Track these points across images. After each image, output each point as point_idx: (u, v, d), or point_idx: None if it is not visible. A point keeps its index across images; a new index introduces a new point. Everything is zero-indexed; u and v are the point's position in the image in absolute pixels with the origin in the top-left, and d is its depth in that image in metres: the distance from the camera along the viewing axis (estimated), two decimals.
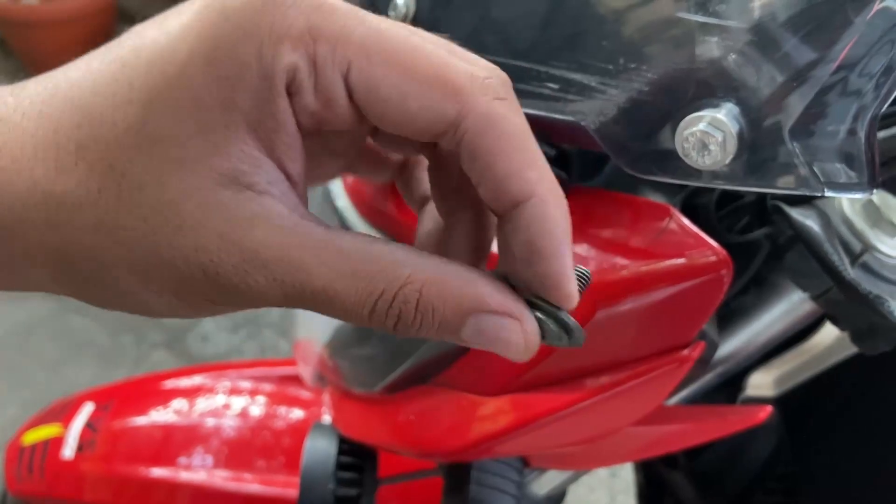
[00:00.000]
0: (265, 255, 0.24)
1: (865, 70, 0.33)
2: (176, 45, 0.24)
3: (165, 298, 0.26)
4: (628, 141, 0.37)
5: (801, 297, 0.46)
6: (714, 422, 0.47)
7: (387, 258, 0.25)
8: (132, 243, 0.25)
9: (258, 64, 0.24)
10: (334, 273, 0.25)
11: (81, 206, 0.25)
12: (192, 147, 0.24)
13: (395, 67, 0.24)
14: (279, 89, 0.24)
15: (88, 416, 0.84)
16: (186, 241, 0.24)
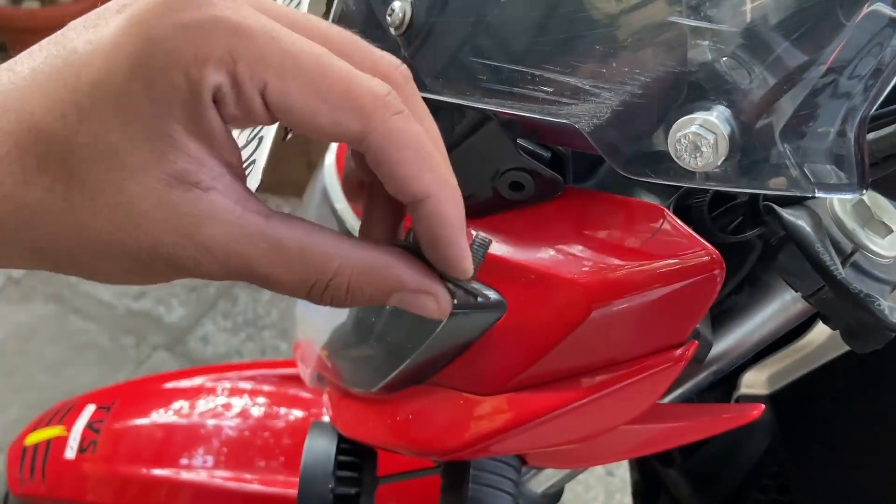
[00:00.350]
0: (214, 248, 0.28)
1: (855, 72, 0.33)
2: (113, 69, 0.27)
3: (129, 276, 0.30)
4: (622, 143, 0.38)
5: (793, 296, 0.46)
6: (708, 420, 0.47)
7: (319, 250, 0.30)
8: (99, 240, 0.28)
9: (187, 85, 0.27)
10: (273, 264, 0.29)
11: (50, 212, 0.28)
12: (141, 154, 0.27)
13: (307, 88, 0.28)
14: (207, 103, 0.27)
15: (90, 418, 0.85)
16: (147, 237, 0.28)
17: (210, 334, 1.96)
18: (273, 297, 2.05)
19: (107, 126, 0.27)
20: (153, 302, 2.03)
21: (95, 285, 2.06)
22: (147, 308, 2.02)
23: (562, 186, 0.42)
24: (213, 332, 1.97)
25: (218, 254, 0.28)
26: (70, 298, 2.03)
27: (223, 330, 1.97)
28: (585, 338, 0.42)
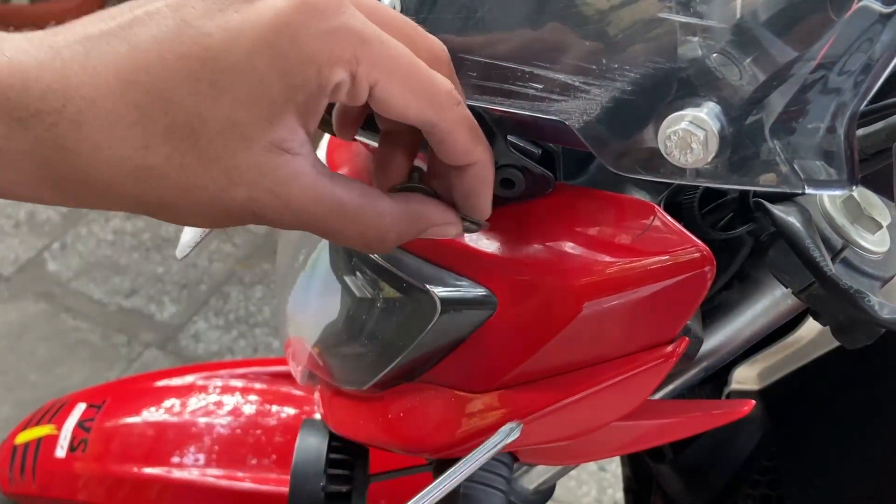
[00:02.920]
0: (294, 206, 0.34)
1: (845, 68, 0.33)
2: (254, 58, 0.32)
3: (216, 221, 0.35)
4: (612, 140, 0.38)
5: (783, 292, 0.46)
6: (699, 415, 0.47)
7: (372, 210, 0.36)
8: (203, 198, 0.33)
9: (316, 80, 0.32)
10: (340, 220, 0.36)
11: (167, 175, 0.32)
12: (258, 128, 0.32)
13: (404, 87, 0.34)
14: (327, 95, 0.33)
15: (80, 416, 0.84)
16: (243, 194, 0.33)
17: (202, 332, 1.96)
18: (265, 295, 2.05)
19: (237, 105, 0.32)
20: (144, 300, 2.03)
21: (86, 284, 2.05)
22: (138, 306, 2.01)
23: (552, 183, 0.42)
24: (204, 330, 1.96)
25: (297, 210, 0.34)
26: (61, 297, 2.03)
27: (215, 328, 1.97)
28: (576, 334, 0.42)
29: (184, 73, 0.31)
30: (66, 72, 0.31)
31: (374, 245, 0.37)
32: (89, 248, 2.16)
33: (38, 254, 2.14)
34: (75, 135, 0.31)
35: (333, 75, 0.32)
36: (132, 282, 2.07)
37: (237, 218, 0.35)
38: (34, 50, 0.31)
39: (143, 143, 0.32)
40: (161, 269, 2.11)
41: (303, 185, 0.34)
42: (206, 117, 0.32)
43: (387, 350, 0.49)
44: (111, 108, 0.31)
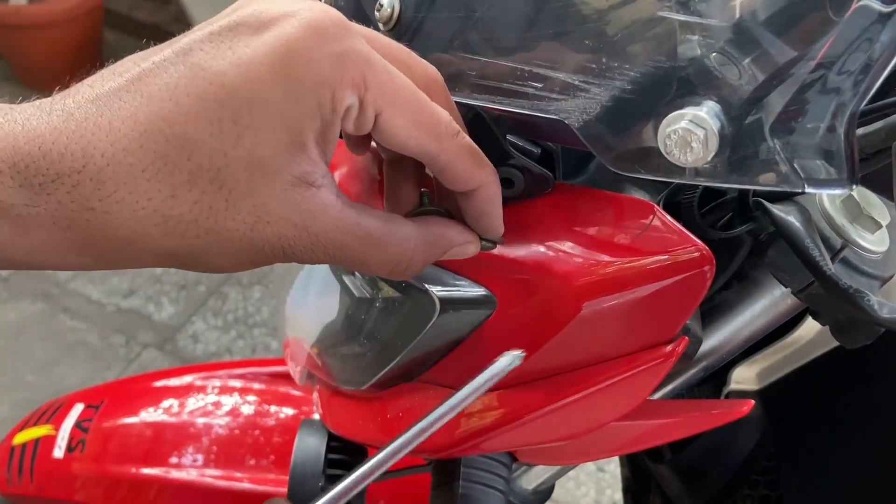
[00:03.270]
0: (324, 239, 0.34)
1: (844, 68, 0.33)
2: (271, 88, 0.32)
3: (241, 265, 0.35)
4: (611, 139, 0.38)
5: (782, 292, 0.46)
6: (698, 416, 0.47)
7: (398, 236, 0.37)
8: (233, 240, 0.33)
9: (331, 103, 0.32)
10: (366, 249, 0.36)
11: (196, 221, 0.32)
12: (281, 162, 0.32)
13: (408, 118, 0.35)
14: (339, 118, 0.33)
15: (78, 417, 0.84)
16: (273, 233, 0.33)
17: (200, 332, 1.96)
18: (263, 296, 2.05)
19: (260, 138, 0.32)
20: (143, 300, 2.03)
21: (84, 284, 2.05)
22: (137, 306, 2.01)
23: (552, 183, 0.42)
24: (203, 331, 1.96)
25: (327, 244, 0.34)
26: (59, 297, 2.03)
27: (213, 328, 1.97)
28: (575, 334, 0.42)
29: (203, 114, 0.31)
30: (82, 132, 0.31)
31: (401, 271, 0.37)
32: None
33: None
34: (98, 193, 0.31)
35: (346, 98, 0.33)
36: (130, 282, 2.07)
37: (267, 258, 0.34)
38: (46, 115, 0.31)
39: (169, 192, 0.31)
40: (159, 269, 2.11)
41: (330, 218, 0.34)
42: (231, 156, 0.32)
43: (386, 350, 0.49)
44: (132, 162, 0.31)
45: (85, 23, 2.53)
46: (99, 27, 2.64)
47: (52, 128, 0.31)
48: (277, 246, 0.34)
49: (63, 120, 0.31)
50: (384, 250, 0.36)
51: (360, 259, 0.36)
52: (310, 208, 0.33)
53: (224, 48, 0.32)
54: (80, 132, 0.31)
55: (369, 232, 0.35)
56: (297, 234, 0.34)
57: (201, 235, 0.33)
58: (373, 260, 0.36)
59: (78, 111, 0.31)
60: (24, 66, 2.55)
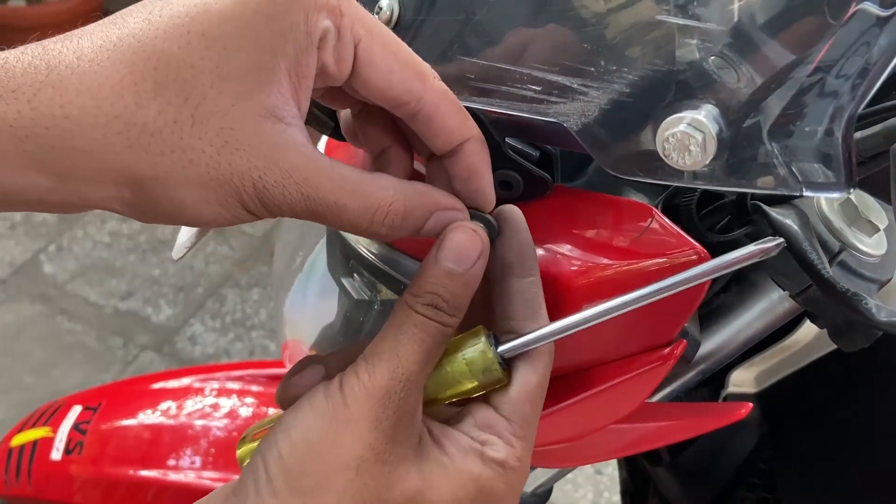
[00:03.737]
0: (296, 175, 0.33)
1: (842, 71, 0.33)
2: (240, 6, 0.31)
3: (213, 208, 0.33)
4: (610, 142, 0.38)
5: (780, 295, 0.46)
6: (697, 418, 0.47)
7: (376, 183, 0.35)
8: (199, 163, 0.31)
9: (304, 24, 0.32)
10: (342, 191, 0.34)
11: (160, 132, 0.31)
12: (248, 83, 0.31)
13: (388, 49, 0.34)
14: (314, 44, 0.32)
15: (76, 419, 0.84)
16: (242, 161, 0.32)
17: (198, 334, 1.96)
18: (261, 298, 2.05)
19: (228, 54, 0.31)
20: (141, 302, 2.03)
21: (82, 286, 2.05)
22: (135, 308, 2.01)
23: (551, 185, 0.42)
24: (201, 333, 1.96)
25: (299, 180, 0.33)
26: (57, 299, 2.02)
27: (211, 330, 1.97)
28: (574, 337, 0.42)
29: (173, 29, 0.31)
30: (48, 51, 0.31)
31: (381, 221, 0.35)
32: (85, 251, 2.15)
33: (33, 256, 2.14)
34: (60, 100, 0.30)
35: (320, 20, 0.32)
36: (128, 284, 2.07)
37: (238, 193, 0.32)
38: (17, 50, 0.31)
39: (133, 99, 0.31)
40: (157, 271, 2.11)
41: (302, 155, 0.33)
42: (198, 67, 0.31)
43: None
44: (97, 70, 0.30)
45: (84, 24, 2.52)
46: None
47: (18, 52, 0.30)
48: (247, 177, 0.32)
49: (32, 47, 0.31)
50: (361, 196, 0.34)
51: (335, 203, 0.34)
52: (280, 142, 0.32)
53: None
54: (46, 52, 0.31)
55: (344, 175, 0.34)
56: (267, 166, 0.32)
57: (165, 152, 0.31)
58: (350, 204, 0.34)
59: (48, 42, 0.31)
60: None
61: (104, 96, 0.30)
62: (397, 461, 0.34)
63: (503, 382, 0.37)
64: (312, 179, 0.33)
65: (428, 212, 0.37)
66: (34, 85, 0.30)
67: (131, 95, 0.31)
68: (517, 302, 0.38)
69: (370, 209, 0.35)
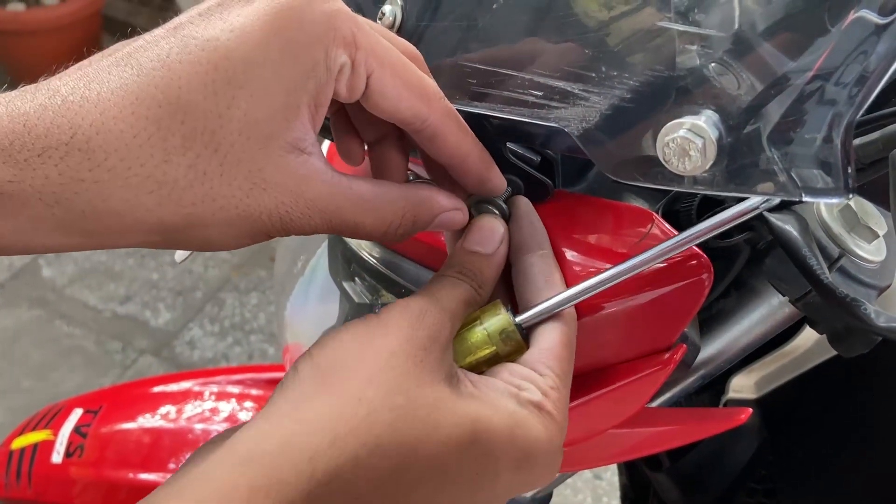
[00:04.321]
0: (319, 204, 0.34)
1: (841, 78, 0.33)
2: (265, 48, 0.32)
3: (239, 240, 0.34)
4: (611, 147, 0.38)
5: (780, 300, 0.46)
6: (696, 424, 0.47)
7: (388, 197, 0.37)
8: (229, 208, 0.32)
9: (325, 61, 0.33)
10: (360, 211, 0.36)
11: (191, 186, 0.31)
12: (276, 126, 0.32)
13: (397, 78, 0.35)
14: (333, 77, 0.33)
15: (77, 422, 0.84)
16: (270, 200, 0.33)
17: (197, 339, 1.96)
18: (260, 302, 2.05)
19: (255, 100, 0.32)
20: (139, 306, 2.02)
21: (81, 290, 2.05)
22: (133, 312, 2.01)
23: (551, 190, 0.43)
24: (199, 337, 1.96)
25: (322, 209, 0.34)
26: (55, 303, 2.02)
27: (210, 334, 1.97)
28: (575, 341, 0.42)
29: (196, 78, 0.31)
30: (69, 105, 0.30)
31: (393, 233, 0.38)
32: (84, 255, 2.15)
33: (32, 260, 2.13)
34: (88, 164, 0.30)
35: (339, 56, 0.33)
36: (127, 288, 2.07)
37: (265, 228, 0.34)
38: (30, 96, 0.30)
39: (162, 157, 0.31)
40: (156, 275, 2.11)
41: (324, 182, 0.34)
42: (226, 117, 0.31)
43: None
44: (123, 129, 0.30)
45: (83, 29, 2.53)
46: (97, 33, 2.65)
47: (37, 105, 0.30)
48: (275, 214, 0.33)
49: (49, 97, 0.30)
50: (376, 212, 0.36)
51: (354, 222, 0.36)
52: (304, 174, 0.33)
53: (215, 19, 0.32)
54: (66, 105, 0.30)
55: (361, 194, 0.36)
56: (294, 201, 0.33)
57: (197, 203, 0.32)
58: (367, 221, 0.36)
59: (64, 87, 0.30)
60: (22, 72, 2.55)
61: (133, 157, 0.30)
62: (429, 374, 0.34)
63: (523, 350, 0.38)
64: (334, 205, 0.35)
65: (432, 215, 0.39)
66: (60, 148, 0.29)
67: (160, 154, 0.31)
68: (532, 274, 0.40)
69: (385, 223, 0.37)
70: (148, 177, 0.31)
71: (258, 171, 0.32)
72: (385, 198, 0.37)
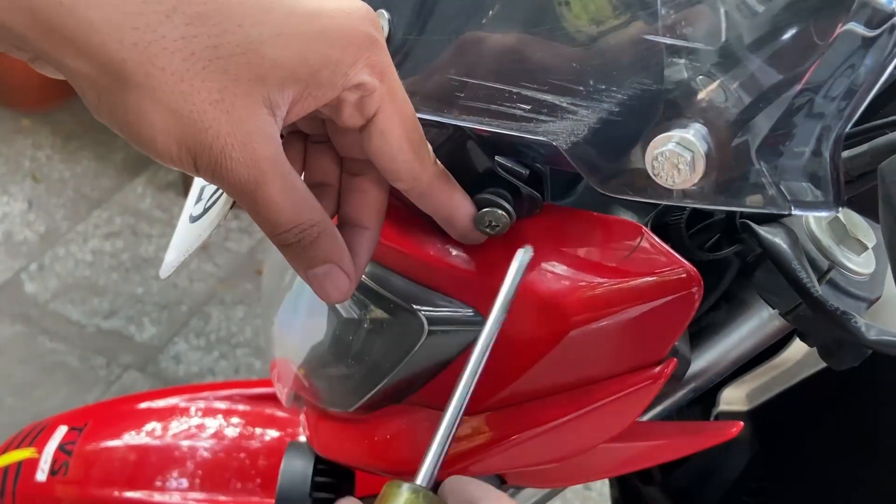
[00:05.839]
0: (264, 165, 0.34)
1: (829, 92, 0.34)
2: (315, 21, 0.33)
3: (169, 144, 0.32)
4: (600, 160, 0.38)
5: (770, 313, 0.46)
6: (688, 438, 0.47)
7: (315, 203, 0.37)
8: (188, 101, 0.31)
9: (348, 67, 0.34)
10: (281, 194, 0.35)
11: (170, 52, 0.30)
12: (274, 75, 0.32)
13: (405, 128, 0.37)
14: (344, 86, 0.34)
15: (61, 439, 0.83)
16: (225, 125, 0.32)
17: (182, 353, 1.94)
18: (246, 315, 2.04)
19: (279, 42, 0.32)
20: (124, 321, 2.01)
21: (64, 305, 2.03)
22: (118, 327, 1.99)
23: (540, 204, 0.42)
24: (185, 351, 1.95)
25: (251, 163, 0.33)
26: (38, 318, 2.00)
27: (196, 348, 1.95)
28: (564, 356, 0.42)
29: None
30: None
31: (288, 234, 0.37)
32: (67, 269, 2.14)
33: (14, 275, 2.12)
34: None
35: (362, 72, 0.34)
36: (111, 303, 2.05)
37: (199, 148, 0.33)
38: None
39: (169, 7, 0.30)
40: (141, 289, 2.09)
41: (273, 149, 0.34)
42: (243, 32, 0.31)
43: (374, 371, 0.48)
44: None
45: None
46: None
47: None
48: (219, 141, 0.32)
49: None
50: (297, 204, 0.36)
51: (270, 198, 0.35)
52: (267, 131, 0.33)
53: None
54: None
55: (294, 183, 0.35)
56: (241, 144, 0.33)
57: (165, 70, 0.31)
58: (282, 205, 0.35)
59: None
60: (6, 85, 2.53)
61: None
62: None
63: None
64: (264, 169, 0.34)
65: (325, 258, 0.38)
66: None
67: (168, 7, 0.30)
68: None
69: (294, 219, 0.36)
70: (140, 13, 0.30)
71: (232, 94, 0.32)
72: (313, 202, 0.37)
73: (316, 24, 0.33)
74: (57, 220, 2.27)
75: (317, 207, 0.37)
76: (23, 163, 2.45)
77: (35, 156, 2.48)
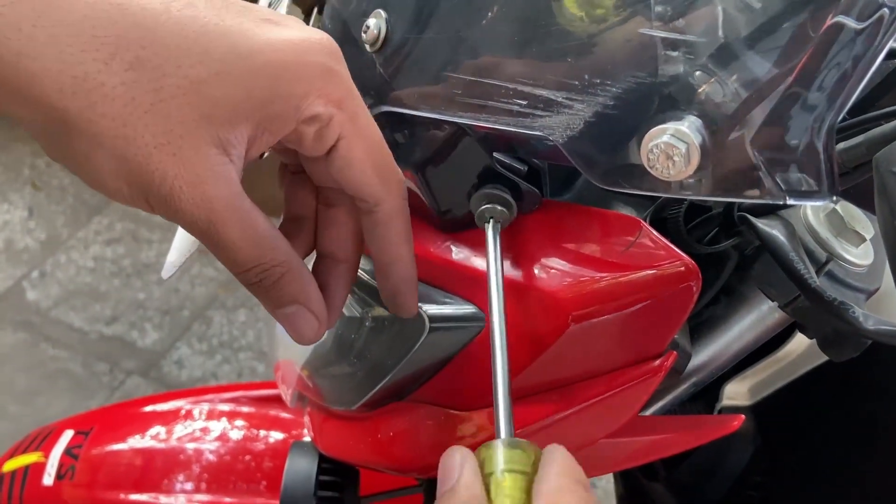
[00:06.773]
0: (217, 205, 0.33)
1: (821, 83, 0.34)
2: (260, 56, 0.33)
3: (119, 186, 0.32)
4: (596, 155, 0.38)
5: (770, 306, 0.46)
6: (690, 431, 0.47)
7: (276, 242, 0.36)
8: (132, 145, 0.31)
9: (299, 99, 0.34)
10: (243, 237, 0.34)
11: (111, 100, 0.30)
12: (220, 114, 0.32)
13: (370, 152, 0.37)
14: (299, 119, 0.34)
15: (68, 443, 0.83)
16: (172, 167, 0.32)
17: (185, 358, 1.94)
18: (248, 319, 2.04)
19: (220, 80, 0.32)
20: (126, 327, 2.01)
21: (66, 312, 2.04)
22: (120, 333, 2.00)
23: (539, 199, 0.43)
24: (188, 356, 1.95)
25: (202, 204, 0.33)
26: (40, 326, 2.01)
27: (198, 353, 1.96)
28: (565, 350, 0.42)
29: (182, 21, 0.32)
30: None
31: (249, 275, 0.36)
32: (69, 276, 2.14)
33: (16, 283, 2.12)
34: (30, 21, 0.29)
35: (315, 105, 0.34)
36: (113, 309, 2.06)
37: (149, 188, 0.32)
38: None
39: (106, 57, 0.30)
40: (142, 295, 2.10)
41: (230, 190, 0.33)
42: (182, 73, 0.31)
43: (376, 369, 0.48)
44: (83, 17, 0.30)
45: None
46: None
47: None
48: (167, 182, 0.32)
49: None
50: (257, 244, 0.35)
51: (230, 239, 0.34)
52: (218, 170, 0.33)
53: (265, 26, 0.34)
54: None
55: (254, 222, 0.35)
56: (191, 186, 0.32)
57: (107, 118, 0.31)
58: (242, 245, 0.35)
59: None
60: None
61: (76, 42, 0.30)
62: None
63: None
64: (223, 214, 0.33)
65: (292, 298, 0.38)
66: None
67: (106, 55, 0.30)
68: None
69: (255, 259, 0.36)
70: (80, 63, 0.30)
71: (178, 137, 0.32)
72: (274, 241, 0.36)
73: (259, 58, 0.33)
74: (57, 227, 2.28)
75: (280, 247, 0.36)
76: (22, 170, 2.46)
77: (34, 163, 2.48)
